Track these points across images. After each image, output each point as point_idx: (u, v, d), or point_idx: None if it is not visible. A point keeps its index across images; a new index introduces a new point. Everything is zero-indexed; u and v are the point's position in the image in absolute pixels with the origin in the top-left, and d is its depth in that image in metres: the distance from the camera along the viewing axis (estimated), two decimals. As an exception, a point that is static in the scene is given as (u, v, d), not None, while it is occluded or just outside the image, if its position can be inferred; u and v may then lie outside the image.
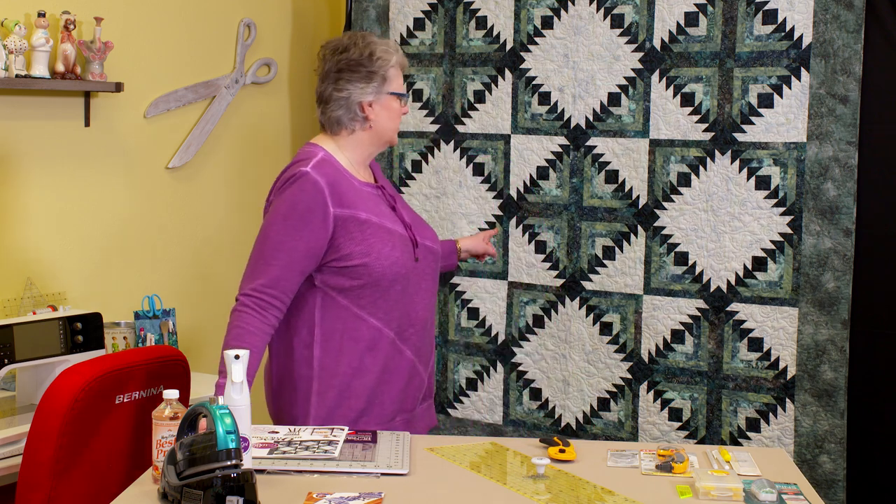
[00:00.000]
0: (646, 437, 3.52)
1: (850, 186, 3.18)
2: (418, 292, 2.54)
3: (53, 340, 2.84)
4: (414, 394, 2.57)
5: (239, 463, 1.86)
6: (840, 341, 3.21)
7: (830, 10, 3.18)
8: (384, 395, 2.50)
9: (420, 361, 2.58)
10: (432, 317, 2.63)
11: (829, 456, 3.24)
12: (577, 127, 3.58)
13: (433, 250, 2.61)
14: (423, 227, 2.64)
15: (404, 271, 2.48)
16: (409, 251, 2.51)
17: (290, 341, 2.48)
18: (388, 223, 2.49)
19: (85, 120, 3.48)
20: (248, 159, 4.10)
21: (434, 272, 2.62)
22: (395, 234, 2.49)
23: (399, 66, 2.55)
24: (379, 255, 2.42)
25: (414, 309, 2.53)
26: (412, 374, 2.55)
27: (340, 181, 2.44)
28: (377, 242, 2.43)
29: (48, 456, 2.28)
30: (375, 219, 2.46)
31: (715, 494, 1.99)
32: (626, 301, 3.53)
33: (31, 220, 3.36)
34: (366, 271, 2.41)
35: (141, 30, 3.65)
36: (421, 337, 2.57)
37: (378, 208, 2.50)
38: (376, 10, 3.92)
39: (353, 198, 2.44)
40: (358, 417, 2.47)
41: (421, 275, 2.55)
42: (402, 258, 2.47)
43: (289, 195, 2.41)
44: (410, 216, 2.63)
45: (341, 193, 2.42)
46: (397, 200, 2.63)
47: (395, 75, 2.53)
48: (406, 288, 2.50)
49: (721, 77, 3.35)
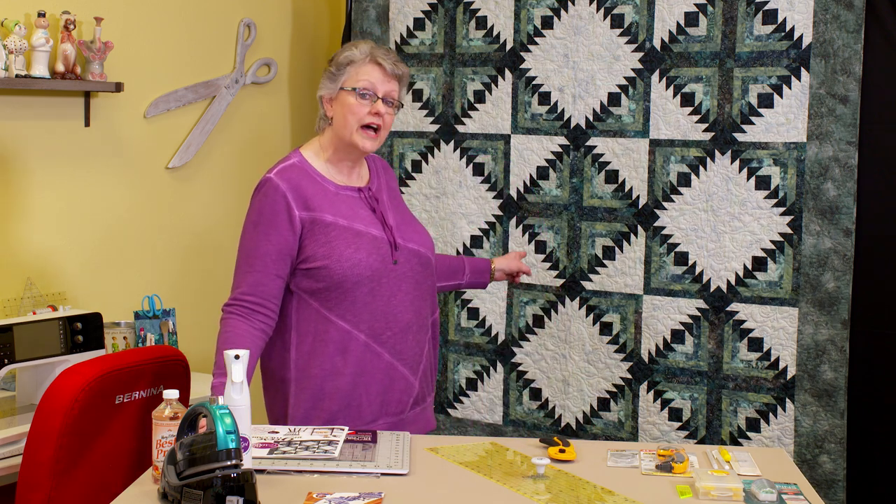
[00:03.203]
0: (646, 437, 3.52)
1: (850, 186, 3.18)
2: (395, 295, 2.50)
3: (53, 340, 2.84)
4: (399, 398, 2.54)
5: (239, 463, 1.86)
6: (840, 341, 3.21)
7: (830, 10, 3.18)
8: (361, 397, 2.48)
9: (404, 364, 2.53)
10: (423, 320, 2.57)
11: (829, 456, 3.24)
12: (577, 127, 3.58)
13: (418, 253, 2.56)
14: (412, 230, 2.60)
15: (370, 273, 2.45)
16: (383, 253, 2.49)
17: (274, 344, 2.51)
18: (360, 225, 2.48)
19: (85, 120, 3.48)
20: (248, 159, 4.10)
21: (418, 275, 2.56)
22: (366, 237, 2.47)
23: (368, 64, 2.50)
24: (340, 257, 2.43)
25: (391, 312, 2.49)
26: (393, 378, 2.51)
27: (306, 185, 2.47)
28: (340, 245, 2.44)
29: (48, 456, 2.28)
30: (343, 221, 2.47)
31: (715, 494, 1.99)
32: (626, 301, 3.53)
33: (32, 220, 3.36)
34: (327, 273, 2.43)
35: (141, 30, 3.65)
36: (402, 340, 2.51)
37: (351, 211, 2.50)
38: (376, 10, 3.92)
39: (320, 201, 2.47)
40: (331, 419, 2.46)
41: (400, 277, 2.51)
42: (366, 260, 2.45)
43: (256, 202, 2.49)
44: (398, 218, 2.60)
45: (307, 197, 2.46)
46: (384, 202, 2.60)
47: (355, 72, 2.49)
48: (375, 290, 2.46)
49: (721, 77, 3.35)
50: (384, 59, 2.51)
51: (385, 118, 2.51)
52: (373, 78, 2.50)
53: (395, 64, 2.52)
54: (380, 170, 2.70)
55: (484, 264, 2.95)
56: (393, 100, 2.53)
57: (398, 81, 2.55)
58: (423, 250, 2.59)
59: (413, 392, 2.57)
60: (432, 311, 2.63)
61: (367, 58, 2.51)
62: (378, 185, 2.63)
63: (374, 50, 2.52)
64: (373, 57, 2.51)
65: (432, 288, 2.64)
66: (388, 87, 2.52)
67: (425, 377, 2.62)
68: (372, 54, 2.51)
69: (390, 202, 2.63)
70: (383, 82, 2.51)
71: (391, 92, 2.52)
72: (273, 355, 2.52)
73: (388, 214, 2.57)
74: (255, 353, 2.42)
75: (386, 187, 2.67)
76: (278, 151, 4.23)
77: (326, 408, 2.47)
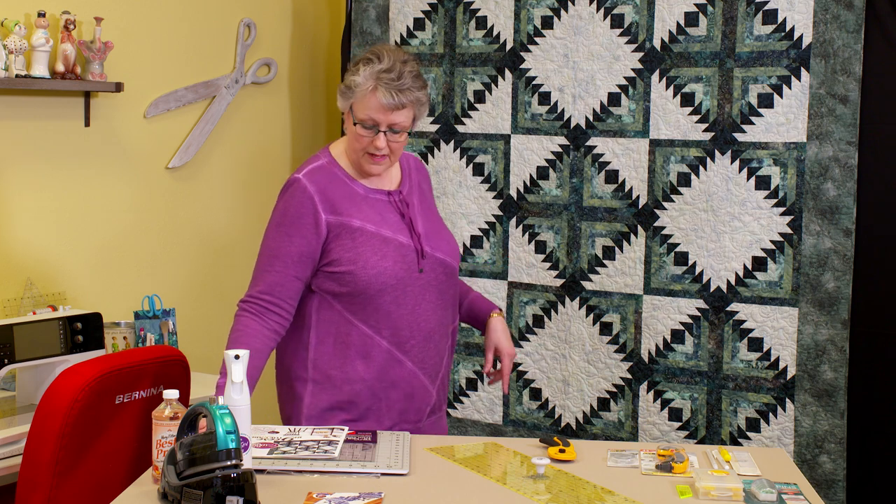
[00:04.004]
0: (646, 437, 3.52)
1: (850, 186, 3.18)
2: (420, 304, 2.45)
3: (53, 340, 2.85)
4: (419, 406, 2.51)
5: (239, 463, 1.86)
6: (840, 341, 3.21)
7: (830, 10, 3.18)
8: (381, 405, 2.46)
9: (425, 373, 2.49)
10: (444, 328, 2.52)
11: (829, 456, 3.24)
12: (577, 127, 3.58)
13: (444, 262, 2.51)
14: (439, 238, 2.53)
15: (394, 281, 2.41)
16: (408, 261, 2.44)
17: (289, 341, 2.49)
18: (388, 231, 2.44)
19: (85, 120, 3.48)
20: (247, 159, 4.10)
21: (443, 284, 2.51)
22: (393, 244, 2.43)
23: (371, 94, 2.37)
24: (365, 263, 2.39)
25: (415, 320, 2.45)
26: (414, 387, 2.48)
27: (335, 188, 2.44)
28: (366, 251, 2.40)
29: (48, 456, 2.28)
30: (371, 227, 2.43)
31: (715, 494, 1.99)
32: (626, 301, 3.53)
33: (32, 220, 3.36)
34: (352, 279, 2.40)
35: (141, 30, 3.65)
36: (424, 349, 2.47)
37: (379, 216, 2.45)
38: (376, 10, 3.92)
39: (348, 205, 2.43)
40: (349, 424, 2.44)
41: (425, 286, 2.46)
42: (392, 268, 2.41)
43: (282, 202, 2.45)
44: (427, 225, 2.53)
45: (334, 200, 2.42)
46: (414, 206, 2.53)
47: (359, 101, 2.38)
48: (399, 298, 2.43)
49: (721, 77, 3.35)
50: (385, 93, 2.36)
51: (392, 146, 2.41)
52: (375, 112, 2.38)
53: (399, 94, 2.37)
54: (412, 169, 2.62)
55: (483, 315, 2.71)
56: (401, 127, 2.40)
57: (410, 107, 2.41)
58: (450, 259, 2.53)
59: (431, 401, 2.54)
60: (453, 319, 2.59)
61: (372, 87, 2.37)
62: (409, 188, 2.56)
63: (380, 78, 2.37)
64: (377, 86, 2.36)
65: (455, 297, 2.59)
66: (392, 118, 2.38)
67: (443, 386, 2.58)
68: (377, 83, 2.37)
69: (420, 205, 2.56)
70: (387, 114, 2.38)
71: (397, 123, 2.39)
72: (288, 352, 2.50)
73: (417, 220, 2.51)
74: (265, 353, 2.40)
75: (417, 189, 2.59)
76: (278, 151, 4.23)
77: (346, 412, 2.44)
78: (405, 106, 2.39)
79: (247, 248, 4.13)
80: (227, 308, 4.08)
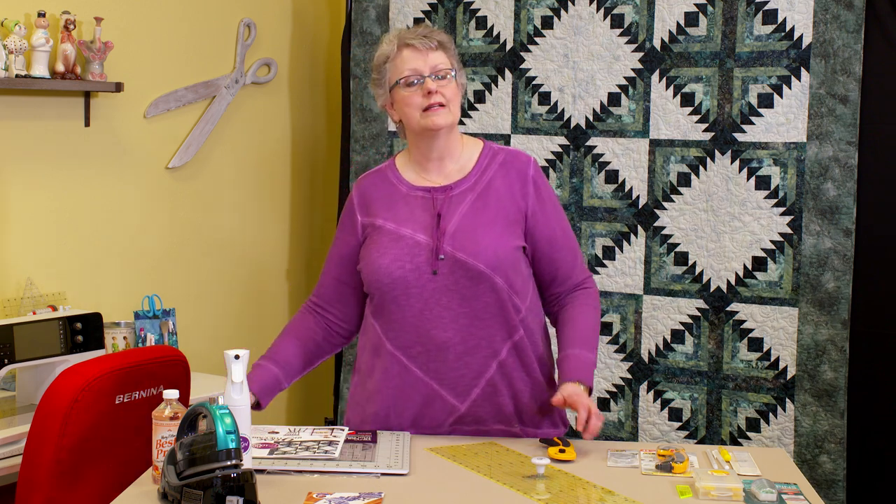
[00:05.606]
0: (646, 437, 3.52)
1: (850, 186, 3.18)
2: (432, 308, 2.30)
3: (53, 340, 2.85)
4: (436, 415, 2.37)
5: (239, 463, 1.86)
6: (840, 341, 3.21)
7: (830, 10, 3.18)
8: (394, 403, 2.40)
9: (443, 385, 2.33)
10: (474, 340, 2.32)
11: (829, 456, 3.24)
12: (577, 127, 3.58)
13: (467, 265, 2.29)
14: (472, 240, 2.30)
15: (389, 280, 2.32)
16: (417, 261, 2.31)
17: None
18: (407, 230, 2.33)
19: (85, 120, 3.48)
20: (248, 159, 4.10)
21: (466, 290, 2.30)
22: (405, 242, 2.32)
23: (401, 51, 2.34)
24: (367, 262, 2.37)
25: (423, 326, 2.31)
26: (430, 397, 2.35)
27: (379, 189, 2.41)
28: (373, 249, 2.36)
29: (48, 456, 2.29)
30: (391, 225, 2.36)
31: (715, 494, 1.99)
32: (625, 301, 3.53)
33: (32, 220, 3.36)
34: (363, 277, 2.41)
35: (141, 30, 3.65)
36: (438, 359, 2.32)
37: (408, 213, 2.36)
38: (376, 10, 3.92)
39: (382, 205, 2.39)
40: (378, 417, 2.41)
41: (440, 290, 2.30)
42: (389, 266, 2.31)
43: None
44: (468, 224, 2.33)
45: (372, 201, 2.41)
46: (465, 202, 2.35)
47: (394, 65, 2.36)
48: (401, 299, 2.32)
49: (721, 77, 3.35)
50: (413, 39, 2.33)
51: (444, 91, 2.31)
52: (411, 63, 2.32)
53: (426, 37, 2.33)
54: (496, 166, 2.40)
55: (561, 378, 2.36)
56: (443, 70, 2.32)
57: (441, 50, 2.34)
58: (476, 263, 2.29)
59: (457, 412, 2.36)
60: (505, 336, 2.34)
61: (398, 45, 2.34)
62: (472, 184, 2.37)
63: (402, 35, 2.36)
64: (402, 42, 2.34)
65: (498, 308, 2.32)
66: (430, 62, 2.32)
67: (486, 404, 2.36)
68: (401, 40, 2.34)
69: (475, 204, 2.35)
70: (424, 58, 2.32)
71: (437, 66, 2.32)
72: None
73: (451, 218, 2.33)
74: (306, 345, 2.46)
75: (486, 186, 2.37)
76: (278, 151, 4.23)
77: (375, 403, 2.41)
78: (436, 47, 2.34)
79: (247, 247, 4.13)
80: (227, 308, 4.09)
